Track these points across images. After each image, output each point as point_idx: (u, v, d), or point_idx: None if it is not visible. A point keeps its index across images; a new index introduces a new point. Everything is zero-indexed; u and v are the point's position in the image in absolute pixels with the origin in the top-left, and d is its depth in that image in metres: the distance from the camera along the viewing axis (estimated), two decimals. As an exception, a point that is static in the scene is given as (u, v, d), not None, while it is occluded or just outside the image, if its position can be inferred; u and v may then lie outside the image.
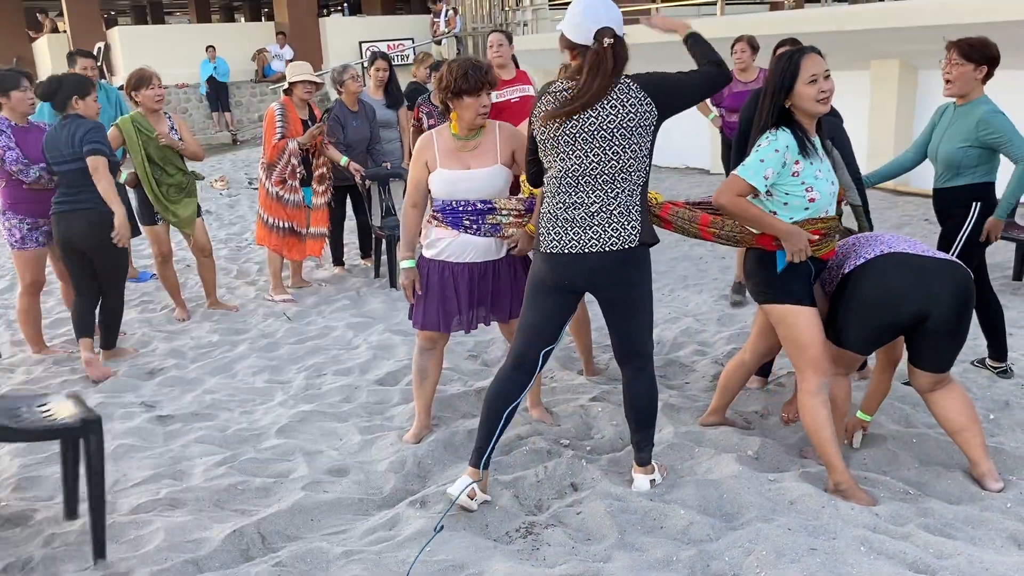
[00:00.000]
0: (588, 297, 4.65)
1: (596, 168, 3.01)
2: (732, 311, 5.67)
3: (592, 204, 3.03)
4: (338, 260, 7.20)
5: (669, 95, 3.03)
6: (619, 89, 2.98)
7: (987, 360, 4.41)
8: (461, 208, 3.58)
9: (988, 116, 3.86)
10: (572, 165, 3.03)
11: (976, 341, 4.79)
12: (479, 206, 3.58)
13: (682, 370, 4.67)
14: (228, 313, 6.13)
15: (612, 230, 3.04)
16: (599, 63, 2.93)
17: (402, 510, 3.28)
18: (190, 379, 4.90)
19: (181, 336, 5.67)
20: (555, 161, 3.07)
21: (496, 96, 6.00)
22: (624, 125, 2.97)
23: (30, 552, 3.12)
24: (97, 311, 5.11)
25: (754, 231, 3.21)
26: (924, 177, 8.86)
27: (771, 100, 3.09)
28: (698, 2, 14.07)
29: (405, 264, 3.72)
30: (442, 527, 2.99)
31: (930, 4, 8.40)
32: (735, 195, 3.10)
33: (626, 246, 3.05)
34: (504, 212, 3.61)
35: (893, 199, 9.20)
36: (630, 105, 2.97)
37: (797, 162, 3.06)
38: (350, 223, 7.20)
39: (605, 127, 2.97)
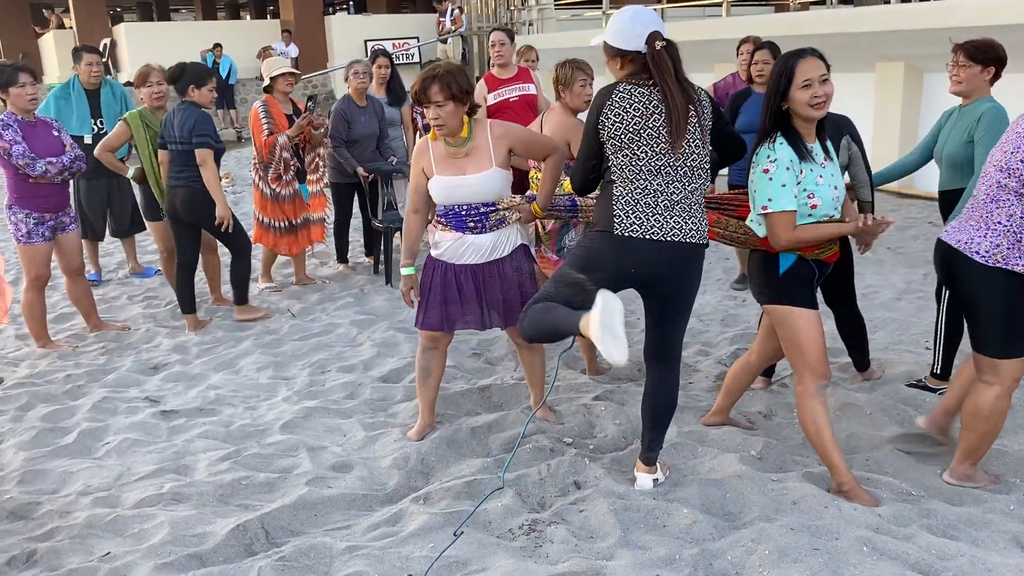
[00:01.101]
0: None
1: (679, 159, 2.99)
2: (736, 312, 5.67)
3: (674, 193, 3.01)
4: (342, 257, 7.21)
5: (717, 127, 3.11)
6: (693, 88, 3.03)
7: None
8: (464, 212, 3.59)
9: (988, 113, 3.85)
10: (656, 153, 2.98)
11: (980, 344, 4.79)
12: (481, 209, 3.59)
13: (686, 370, 4.67)
14: (232, 309, 6.14)
15: (691, 222, 3.03)
16: (661, 65, 2.95)
17: (405, 506, 3.29)
18: (194, 374, 4.91)
19: (185, 331, 5.68)
20: (635, 151, 2.99)
21: (494, 96, 6.04)
22: (702, 124, 3.02)
23: (34, 545, 3.13)
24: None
25: (757, 233, 3.21)
26: (928, 179, 8.83)
27: (767, 104, 3.10)
28: (704, 3, 14.08)
29: (404, 271, 3.73)
30: (462, 532, 2.99)
31: (935, 7, 8.40)
32: (790, 230, 3.07)
33: (700, 241, 3.06)
34: (507, 209, 3.62)
35: (897, 202, 9.19)
36: (704, 107, 3.03)
37: (801, 171, 3.06)
38: (355, 220, 7.21)
39: (690, 122, 2.99)
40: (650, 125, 2.97)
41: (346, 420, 4.17)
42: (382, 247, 6.71)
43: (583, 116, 3.45)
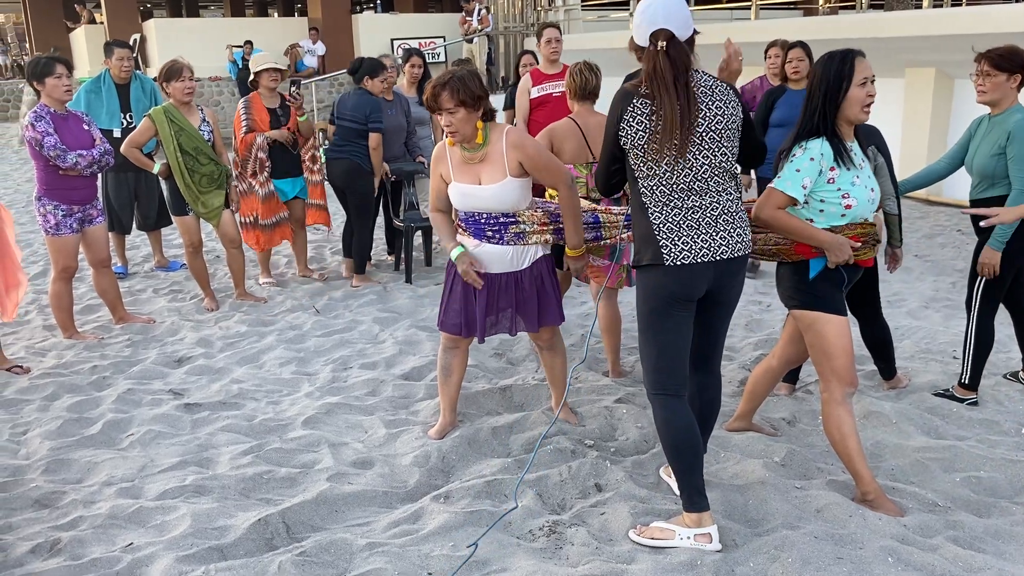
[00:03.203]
0: (620, 297, 4.63)
1: (709, 170, 2.85)
2: (760, 317, 5.63)
3: (714, 207, 2.88)
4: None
5: (744, 130, 2.98)
6: (720, 90, 2.87)
7: (1020, 373, 4.35)
8: (483, 220, 3.58)
9: (1017, 127, 3.79)
10: (684, 168, 2.84)
11: (1008, 354, 4.74)
12: (501, 218, 3.56)
13: (708, 374, 4.64)
14: (256, 304, 6.18)
15: (737, 234, 2.92)
16: (655, 69, 2.79)
17: (425, 504, 3.29)
18: (218, 368, 4.94)
19: (209, 326, 5.72)
20: (661, 166, 2.85)
21: (538, 90, 6.21)
22: (729, 126, 2.86)
23: (58, 534, 3.16)
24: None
25: (790, 241, 3.17)
26: (956, 187, 8.76)
27: (823, 103, 3.00)
28: (732, 6, 14.01)
29: (454, 254, 3.62)
30: (476, 545, 2.94)
31: (967, 12, 8.31)
32: (775, 208, 3.05)
33: (748, 251, 2.96)
34: (527, 223, 3.60)
35: (925, 209, 9.10)
36: (731, 107, 2.87)
37: (833, 168, 3.02)
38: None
39: (714, 127, 2.84)
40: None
41: (368, 417, 4.18)
42: (403, 246, 6.74)
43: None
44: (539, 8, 16.92)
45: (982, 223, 3.57)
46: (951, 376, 4.38)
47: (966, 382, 4.12)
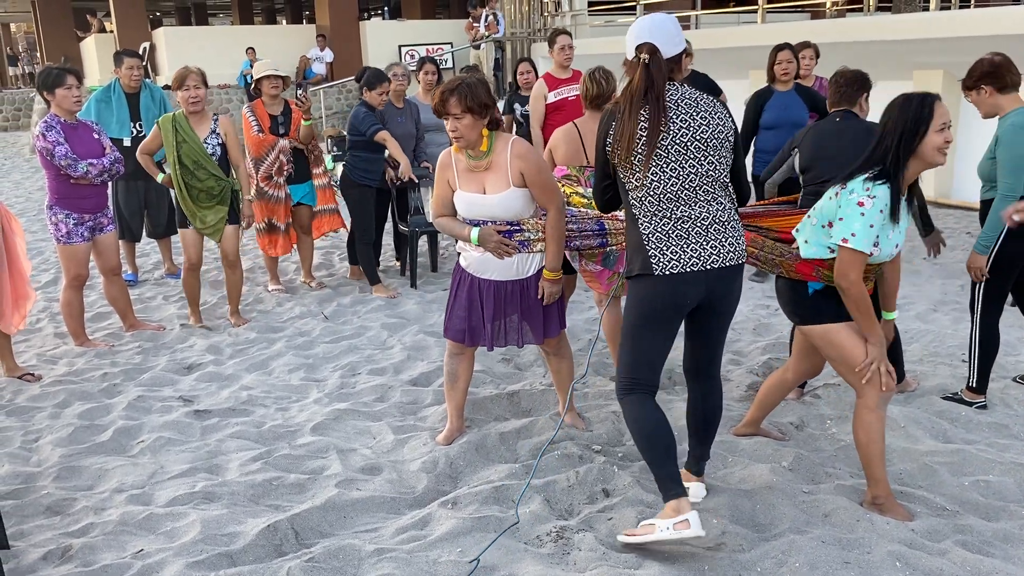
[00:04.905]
0: (624, 302, 4.65)
1: (697, 180, 2.88)
2: (768, 321, 5.63)
3: (704, 217, 2.90)
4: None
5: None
6: (705, 103, 2.90)
7: (1029, 377, 4.34)
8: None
9: (1006, 131, 3.81)
10: (670, 178, 2.87)
11: (1017, 357, 4.72)
12: (505, 227, 3.57)
13: (716, 379, 4.64)
14: (266, 311, 6.20)
15: (728, 243, 2.93)
16: (632, 81, 2.85)
17: (433, 510, 3.30)
18: (227, 375, 4.96)
19: (219, 333, 5.75)
20: (648, 178, 2.89)
21: (554, 95, 6.30)
22: (716, 136, 2.88)
23: (69, 540, 3.19)
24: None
25: (795, 258, 3.16)
26: (965, 190, 8.74)
27: (898, 145, 2.90)
28: (739, 10, 14.02)
29: (474, 235, 3.56)
30: (478, 561, 2.93)
31: (974, 14, 8.29)
32: (859, 273, 2.95)
33: (740, 261, 2.97)
34: (532, 230, 3.61)
35: (934, 211, 9.06)
36: (718, 119, 2.90)
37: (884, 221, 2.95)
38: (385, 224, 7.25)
39: (700, 138, 2.86)
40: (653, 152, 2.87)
41: (376, 423, 4.20)
42: (408, 251, 6.77)
43: None
44: (546, 14, 16.96)
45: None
46: (960, 379, 4.36)
47: (974, 385, 4.11)
